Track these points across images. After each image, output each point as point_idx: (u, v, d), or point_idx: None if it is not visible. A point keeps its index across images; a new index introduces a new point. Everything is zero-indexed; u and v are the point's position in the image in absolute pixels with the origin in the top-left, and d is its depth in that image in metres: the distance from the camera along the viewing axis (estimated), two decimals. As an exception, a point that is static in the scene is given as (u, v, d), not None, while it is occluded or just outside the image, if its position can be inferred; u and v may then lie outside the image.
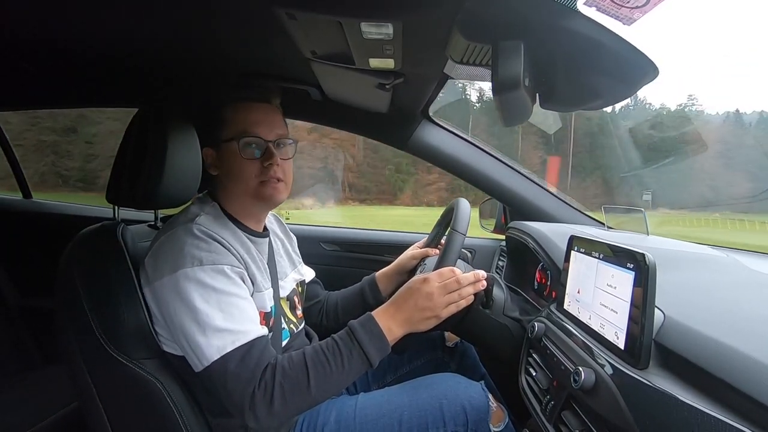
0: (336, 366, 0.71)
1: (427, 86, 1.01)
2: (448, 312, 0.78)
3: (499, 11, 0.58)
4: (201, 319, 0.69)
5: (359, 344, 0.73)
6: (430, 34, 0.68)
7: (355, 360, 0.73)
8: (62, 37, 0.88)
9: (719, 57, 23.11)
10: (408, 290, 0.79)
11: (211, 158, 0.84)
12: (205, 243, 0.73)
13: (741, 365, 0.46)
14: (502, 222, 1.48)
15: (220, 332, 0.69)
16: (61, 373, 0.79)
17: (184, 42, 0.86)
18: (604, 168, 7.42)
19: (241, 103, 0.83)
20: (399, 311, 0.77)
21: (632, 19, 0.48)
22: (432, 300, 0.77)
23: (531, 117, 0.72)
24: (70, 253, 0.79)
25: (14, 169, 1.77)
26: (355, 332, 0.74)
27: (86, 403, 0.78)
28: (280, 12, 0.62)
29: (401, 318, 0.77)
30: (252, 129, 0.81)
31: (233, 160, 0.81)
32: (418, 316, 0.77)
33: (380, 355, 0.75)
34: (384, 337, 0.75)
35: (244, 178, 0.81)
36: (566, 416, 0.63)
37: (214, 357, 0.68)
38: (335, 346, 0.73)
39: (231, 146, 0.80)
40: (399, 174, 9.33)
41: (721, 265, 0.89)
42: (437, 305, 0.77)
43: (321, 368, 0.71)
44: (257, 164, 0.81)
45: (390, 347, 0.76)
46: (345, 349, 0.73)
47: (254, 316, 0.75)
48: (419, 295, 0.77)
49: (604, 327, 0.62)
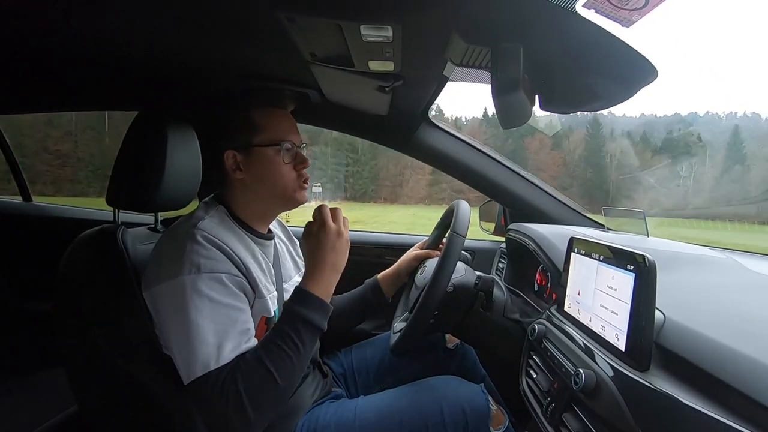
0: (290, 349, 0.72)
1: (426, 88, 1.01)
2: (347, 232, 0.83)
3: (498, 14, 0.58)
4: (192, 330, 0.68)
5: (301, 318, 0.74)
6: (429, 36, 0.68)
7: (304, 334, 0.74)
8: (62, 40, 0.88)
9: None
10: (318, 242, 0.80)
11: (234, 161, 0.83)
12: (204, 249, 0.72)
13: (741, 366, 0.46)
14: (502, 224, 1.48)
15: (208, 347, 0.68)
16: (61, 376, 0.79)
17: (184, 45, 0.86)
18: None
19: (269, 109, 0.85)
20: (323, 265, 0.79)
21: (631, 21, 0.48)
22: (340, 235, 0.81)
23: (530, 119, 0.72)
24: (70, 256, 0.79)
25: (14, 171, 1.77)
26: (293, 309, 0.75)
27: (86, 407, 0.78)
28: (280, 15, 0.63)
29: (328, 269, 0.79)
30: (287, 135, 0.84)
31: (269, 164, 0.82)
32: (338, 256, 0.80)
33: (325, 317, 0.77)
34: (320, 300, 0.77)
35: (281, 182, 0.84)
36: (567, 418, 0.63)
37: (198, 373, 0.68)
38: (282, 332, 0.73)
39: (266, 151, 0.82)
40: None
41: (720, 267, 0.89)
42: (345, 236, 0.82)
43: (279, 359, 0.71)
44: (291, 168, 0.84)
45: (329, 305, 0.78)
46: (291, 329, 0.73)
47: (247, 329, 0.74)
48: (329, 239, 0.80)
49: (605, 329, 0.62)
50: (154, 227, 0.95)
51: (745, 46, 66.77)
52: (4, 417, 1.15)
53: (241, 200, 0.85)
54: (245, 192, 0.84)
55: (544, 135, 8.89)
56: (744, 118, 10.66)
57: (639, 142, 10.84)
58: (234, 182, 0.84)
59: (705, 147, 9.98)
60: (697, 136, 10.24)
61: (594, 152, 10.50)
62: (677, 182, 7.12)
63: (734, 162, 9.06)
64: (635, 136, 10.72)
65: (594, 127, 9.82)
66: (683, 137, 10.23)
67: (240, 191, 0.84)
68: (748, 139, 9.69)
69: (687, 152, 10.00)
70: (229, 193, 0.85)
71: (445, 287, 0.85)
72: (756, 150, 9.53)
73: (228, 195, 0.85)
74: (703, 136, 9.89)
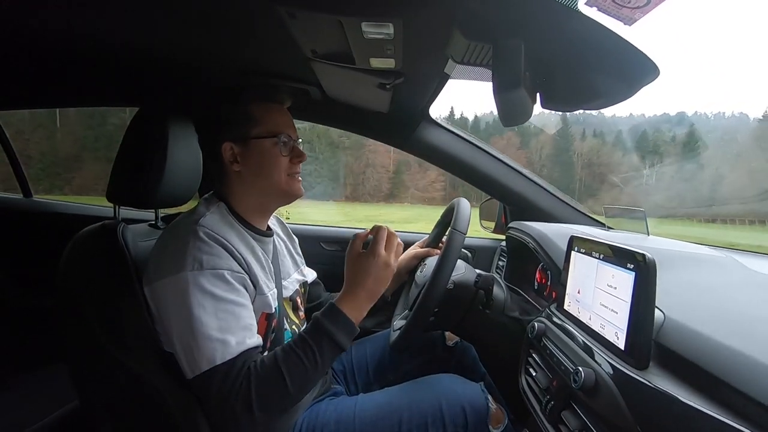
0: (309, 361, 0.73)
1: (427, 86, 1.01)
2: (396, 264, 0.85)
3: (499, 11, 0.58)
4: (196, 326, 0.69)
5: (327, 334, 0.76)
6: (430, 33, 0.68)
7: (326, 350, 0.75)
8: (62, 36, 0.88)
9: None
10: (361, 265, 0.82)
11: (231, 153, 0.83)
12: (206, 245, 0.73)
13: (740, 365, 0.46)
14: (502, 222, 1.48)
15: (212, 342, 0.69)
16: (62, 372, 0.79)
17: (184, 41, 0.86)
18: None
19: (267, 104, 0.86)
20: (361, 288, 0.81)
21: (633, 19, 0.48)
22: (381, 259, 0.82)
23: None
24: (71, 252, 0.79)
25: (15, 168, 1.77)
26: (322, 324, 0.76)
27: (86, 402, 0.78)
28: (281, 11, 0.62)
29: (364, 294, 0.81)
30: (284, 129, 0.85)
31: (266, 156, 0.83)
32: (377, 283, 0.82)
33: (350, 338, 0.78)
34: (350, 322, 0.78)
35: (276, 173, 0.84)
36: (566, 416, 0.63)
37: (203, 368, 0.69)
38: (305, 343, 0.75)
39: (264, 143, 0.83)
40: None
41: (720, 266, 0.88)
42: (391, 265, 0.83)
43: (295, 367, 0.72)
44: (287, 161, 0.86)
45: (357, 328, 0.79)
46: (315, 343, 0.75)
47: (250, 324, 0.74)
48: (374, 264, 0.81)
49: (605, 327, 0.62)
50: (155, 223, 0.95)
51: (741, 46, 66.18)
52: (5, 412, 1.15)
53: (239, 194, 0.85)
54: (243, 185, 0.85)
55: (513, 134, 9.06)
56: (732, 118, 10.81)
57: (614, 142, 11.07)
58: (231, 175, 0.84)
59: (673, 147, 10.25)
60: (671, 137, 10.44)
61: (562, 151, 10.66)
62: (640, 181, 7.37)
63: (688, 162, 9.34)
64: (609, 135, 10.92)
65: (564, 127, 9.91)
66: (655, 137, 10.45)
67: (237, 184, 0.85)
68: (711, 140, 10.01)
69: (655, 152, 10.24)
70: (227, 187, 0.85)
71: (445, 285, 0.85)
72: (715, 150, 9.79)
73: (226, 190, 0.85)
74: (680, 137, 10.12)
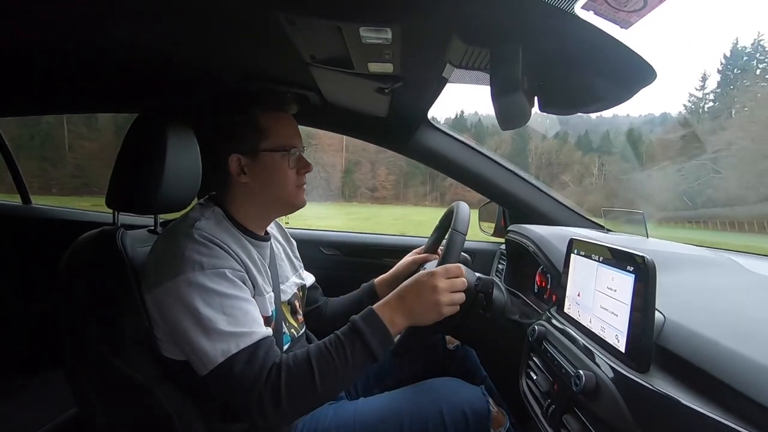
0: (340, 361, 0.71)
1: (426, 90, 1.01)
2: (450, 310, 0.78)
3: (497, 15, 0.58)
4: (204, 323, 0.68)
5: (361, 338, 0.73)
6: (428, 38, 0.68)
7: (358, 354, 0.72)
8: (62, 42, 0.88)
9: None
10: (414, 282, 0.79)
11: (239, 165, 0.82)
12: (205, 248, 0.72)
13: (742, 367, 0.46)
14: (502, 225, 1.48)
15: (224, 336, 0.69)
16: (61, 378, 0.79)
17: (184, 47, 0.86)
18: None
19: (275, 113, 0.84)
20: (402, 302, 0.77)
21: (630, 22, 0.48)
22: (437, 294, 0.76)
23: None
24: (70, 259, 0.79)
25: (13, 174, 1.77)
26: (357, 326, 0.74)
27: (85, 408, 0.78)
28: (280, 17, 0.63)
29: (404, 309, 0.77)
30: (293, 141, 0.85)
31: (276, 169, 0.82)
32: (421, 308, 0.77)
33: (383, 348, 0.74)
34: (386, 330, 0.74)
35: (285, 186, 0.84)
36: (567, 420, 0.62)
37: (219, 360, 0.68)
38: (338, 342, 0.73)
39: (273, 156, 0.82)
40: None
41: (720, 268, 0.89)
42: (441, 300, 0.76)
43: (325, 365, 0.71)
44: (295, 173, 0.85)
45: (393, 340, 0.75)
46: (348, 343, 0.73)
47: (258, 317, 0.74)
48: (425, 287, 0.77)
49: (605, 330, 0.62)
50: (154, 229, 0.95)
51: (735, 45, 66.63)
52: (5, 418, 1.15)
53: (241, 203, 0.84)
54: (247, 196, 0.84)
55: (469, 134, 9.30)
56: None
57: (578, 143, 11.37)
58: (236, 185, 0.83)
59: (625, 147, 10.58)
60: (636, 137, 10.73)
61: (519, 151, 10.95)
62: (590, 180, 7.71)
63: (627, 162, 9.69)
64: (572, 136, 11.20)
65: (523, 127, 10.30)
66: (616, 138, 10.73)
67: (241, 194, 0.84)
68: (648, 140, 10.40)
69: (608, 152, 10.53)
70: (229, 195, 0.85)
71: None
72: (651, 149, 10.12)
73: (227, 197, 0.85)
74: (648, 137, 10.40)
